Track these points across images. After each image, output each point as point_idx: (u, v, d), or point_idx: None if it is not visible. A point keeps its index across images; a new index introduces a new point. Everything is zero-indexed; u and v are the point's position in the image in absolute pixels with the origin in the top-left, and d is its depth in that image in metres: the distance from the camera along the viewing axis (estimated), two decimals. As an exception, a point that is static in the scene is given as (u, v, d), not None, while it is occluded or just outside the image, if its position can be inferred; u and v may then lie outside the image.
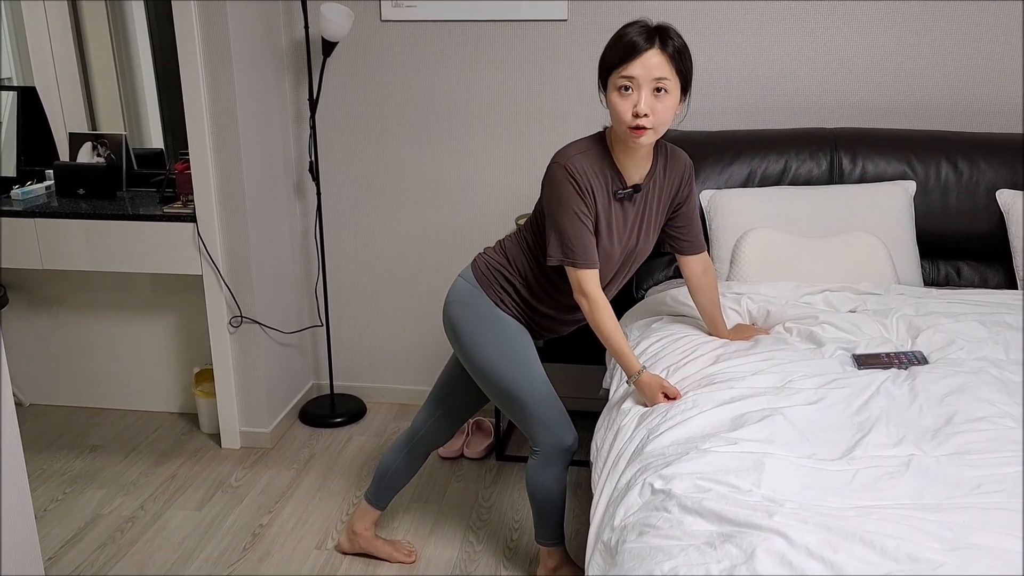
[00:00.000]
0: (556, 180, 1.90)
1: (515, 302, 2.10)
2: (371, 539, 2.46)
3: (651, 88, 1.79)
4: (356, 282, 3.38)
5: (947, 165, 2.62)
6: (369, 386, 3.50)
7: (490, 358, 2.09)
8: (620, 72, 1.80)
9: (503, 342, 2.08)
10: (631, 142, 1.85)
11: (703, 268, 2.17)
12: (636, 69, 1.78)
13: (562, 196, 1.89)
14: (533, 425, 2.12)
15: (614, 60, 1.82)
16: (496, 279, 2.10)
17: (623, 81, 1.80)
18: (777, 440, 1.61)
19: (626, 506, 1.54)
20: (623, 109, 1.81)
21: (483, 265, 2.13)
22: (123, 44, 3.30)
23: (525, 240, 2.09)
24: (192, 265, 2.93)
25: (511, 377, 2.08)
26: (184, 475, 2.95)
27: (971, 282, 2.65)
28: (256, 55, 2.91)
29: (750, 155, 2.70)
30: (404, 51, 3.07)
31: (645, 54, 1.78)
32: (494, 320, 2.09)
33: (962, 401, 1.72)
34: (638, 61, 1.78)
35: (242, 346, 3.04)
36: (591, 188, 1.90)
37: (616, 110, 1.83)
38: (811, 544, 1.26)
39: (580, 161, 1.90)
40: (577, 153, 1.92)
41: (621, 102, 1.81)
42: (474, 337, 2.10)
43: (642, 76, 1.78)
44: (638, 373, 1.91)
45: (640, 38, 1.79)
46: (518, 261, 2.09)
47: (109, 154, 3.18)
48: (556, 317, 2.14)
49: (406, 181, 3.22)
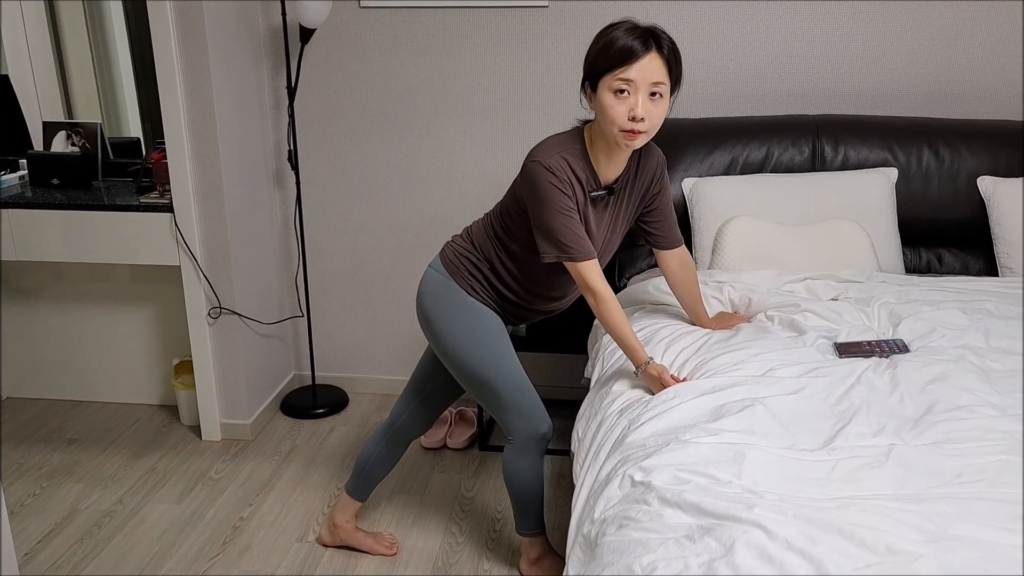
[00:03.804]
0: (536, 180, 1.87)
1: (484, 288, 2.08)
2: (352, 531, 2.44)
3: (647, 92, 1.78)
4: (337, 272, 3.35)
5: (929, 152, 2.62)
6: (351, 376, 3.47)
7: (463, 347, 2.07)
8: (617, 75, 1.77)
9: (475, 330, 2.07)
10: (622, 144, 1.83)
11: (680, 263, 2.15)
12: (634, 73, 1.76)
13: (544, 196, 1.87)
14: (507, 414, 2.11)
15: (610, 63, 1.78)
16: (464, 266, 2.08)
17: (620, 84, 1.77)
18: (758, 431, 1.60)
19: (606, 498, 1.53)
20: (618, 112, 1.78)
21: (451, 253, 2.11)
22: (99, 31, 3.24)
23: (492, 227, 2.07)
24: (170, 256, 2.89)
25: (484, 366, 2.06)
26: (163, 468, 2.92)
27: (953, 269, 2.66)
28: (233, 43, 2.87)
29: (732, 142, 2.69)
30: (383, 38, 3.04)
31: (644, 58, 1.76)
32: (465, 308, 2.07)
33: (942, 390, 1.72)
34: (637, 65, 1.76)
35: (222, 337, 3.01)
36: (571, 184, 1.88)
37: (610, 113, 1.79)
38: (790, 537, 1.25)
39: (558, 159, 1.88)
40: (555, 152, 1.89)
41: (617, 105, 1.78)
42: (446, 326, 2.08)
43: (639, 80, 1.76)
44: (645, 364, 1.88)
45: (637, 42, 1.76)
46: (484, 248, 2.07)
47: (84, 143, 3.13)
48: (526, 304, 2.12)
49: (386, 169, 3.19)
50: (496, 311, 2.12)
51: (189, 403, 3.17)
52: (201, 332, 2.98)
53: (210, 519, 2.63)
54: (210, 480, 2.84)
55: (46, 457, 2.99)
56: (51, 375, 3.40)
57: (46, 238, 2.89)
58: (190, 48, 2.70)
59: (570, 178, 1.88)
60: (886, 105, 2.86)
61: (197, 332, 2.98)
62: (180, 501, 2.72)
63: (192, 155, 2.80)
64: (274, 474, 2.87)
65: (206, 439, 3.10)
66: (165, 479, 2.85)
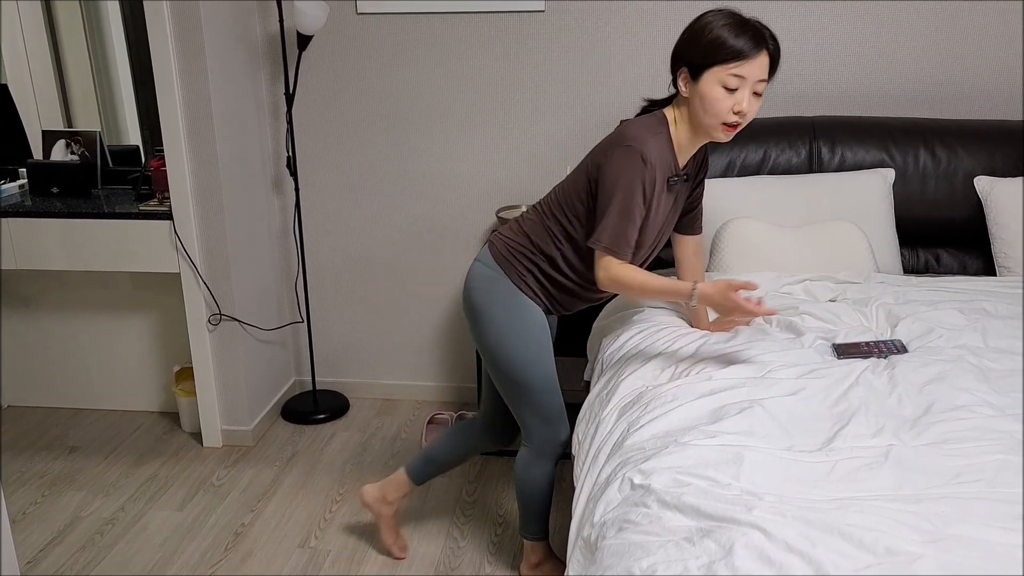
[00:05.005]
0: (628, 166, 1.84)
1: (537, 281, 2.06)
2: (390, 515, 2.44)
3: (752, 89, 1.81)
4: (337, 277, 3.36)
5: (925, 152, 2.62)
6: (352, 381, 3.48)
7: (507, 342, 2.05)
8: (731, 70, 1.78)
9: (523, 328, 2.05)
10: (719, 136, 1.86)
11: (695, 250, 2.18)
12: (747, 69, 1.78)
13: (629, 186, 1.84)
14: (530, 416, 2.11)
15: (726, 56, 1.78)
16: (519, 260, 2.05)
17: (733, 81, 1.79)
18: (756, 432, 1.60)
19: (606, 502, 1.53)
20: (725, 106, 1.80)
21: (502, 247, 2.07)
22: (98, 40, 3.25)
23: (554, 216, 2.02)
24: (169, 263, 2.90)
25: (524, 364, 2.05)
26: (165, 475, 2.92)
27: (951, 269, 2.66)
28: (230, 50, 2.88)
29: (729, 145, 2.69)
30: (381, 44, 3.05)
31: (759, 56, 1.79)
32: (516, 304, 2.05)
33: (940, 390, 1.72)
34: (752, 62, 1.78)
35: (222, 344, 3.01)
36: (656, 177, 1.87)
37: (716, 106, 1.81)
38: (790, 538, 1.26)
39: (654, 149, 1.86)
40: (651, 138, 1.87)
41: (724, 98, 1.80)
42: (492, 319, 2.06)
43: (751, 77, 1.79)
44: (694, 289, 1.86)
45: (751, 40, 1.78)
46: (542, 240, 2.03)
47: (83, 151, 3.14)
48: (579, 293, 2.08)
49: (385, 174, 3.20)
50: (544, 306, 2.09)
51: (190, 410, 3.17)
52: (201, 339, 2.99)
53: (212, 525, 2.63)
54: (212, 487, 2.85)
55: (48, 465, 3.00)
56: (52, 383, 3.41)
57: (46, 247, 2.89)
58: (188, 55, 2.71)
59: (658, 168, 1.87)
60: (882, 106, 2.87)
61: (197, 339, 2.99)
62: (182, 508, 2.72)
63: (191, 162, 2.81)
64: (275, 480, 2.88)
65: (207, 446, 3.11)
66: (167, 486, 2.85)
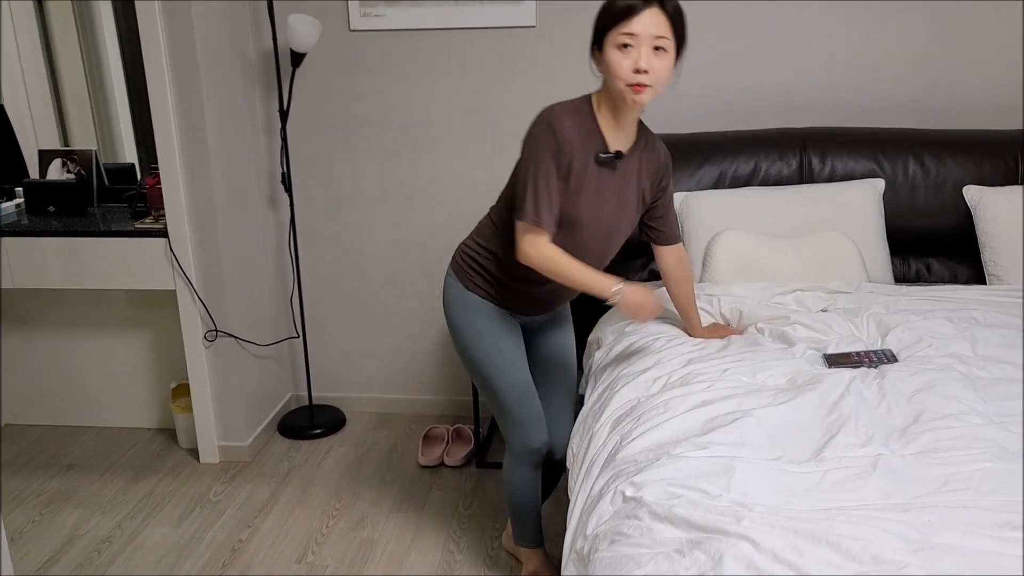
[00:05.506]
0: (538, 137, 1.86)
1: (485, 280, 2.08)
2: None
3: (651, 46, 1.79)
4: (332, 292, 3.37)
5: (915, 162, 2.65)
6: (348, 396, 3.49)
7: (468, 344, 2.09)
8: (621, 29, 1.79)
9: (484, 329, 2.08)
10: (629, 100, 1.83)
11: (676, 259, 2.18)
12: (637, 26, 1.78)
13: (535, 153, 1.86)
14: (503, 420, 2.14)
15: (614, 17, 1.80)
16: (468, 263, 2.09)
17: (624, 39, 1.79)
18: (747, 443, 1.62)
19: (598, 514, 1.54)
20: (624, 66, 1.80)
21: (458, 255, 2.13)
22: (94, 59, 3.28)
23: (496, 212, 2.06)
24: (165, 280, 2.91)
25: (488, 366, 2.08)
26: (162, 492, 2.93)
27: (942, 277, 2.68)
28: (224, 67, 2.90)
29: (720, 157, 2.72)
30: (374, 60, 3.07)
31: (646, 11, 1.78)
32: (475, 308, 2.09)
33: (929, 399, 1.74)
34: (639, 18, 1.78)
35: (218, 360, 3.02)
36: (571, 146, 1.87)
37: (615, 67, 1.81)
38: (777, 549, 1.27)
39: (567, 120, 1.87)
40: (566, 112, 1.89)
41: (622, 59, 1.80)
42: (456, 326, 2.11)
43: (643, 34, 1.78)
44: (617, 288, 1.88)
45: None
46: (490, 240, 2.06)
47: (79, 170, 3.15)
48: (529, 291, 2.08)
49: (379, 190, 3.22)
50: (497, 302, 2.10)
51: (187, 426, 3.18)
52: (197, 355, 3.00)
53: (209, 542, 2.64)
54: (208, 503, 2.85)
55: (45, 483, 3.00)
56: (49, 401, 3.42)
57: (43, 265, 2.91)
58: (182, 73, 2.73)
59: (571, 138, 1.87)
60: (871, 117, 2.89)
61: (193, 355, 3.00)
62: (179, 524, 2.73)
63: (186, 180, 2.83)
64: (272, 496, 2.88)
65: (204, 462, 3.12)
66: (164, 503, 2.86)
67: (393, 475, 3.00)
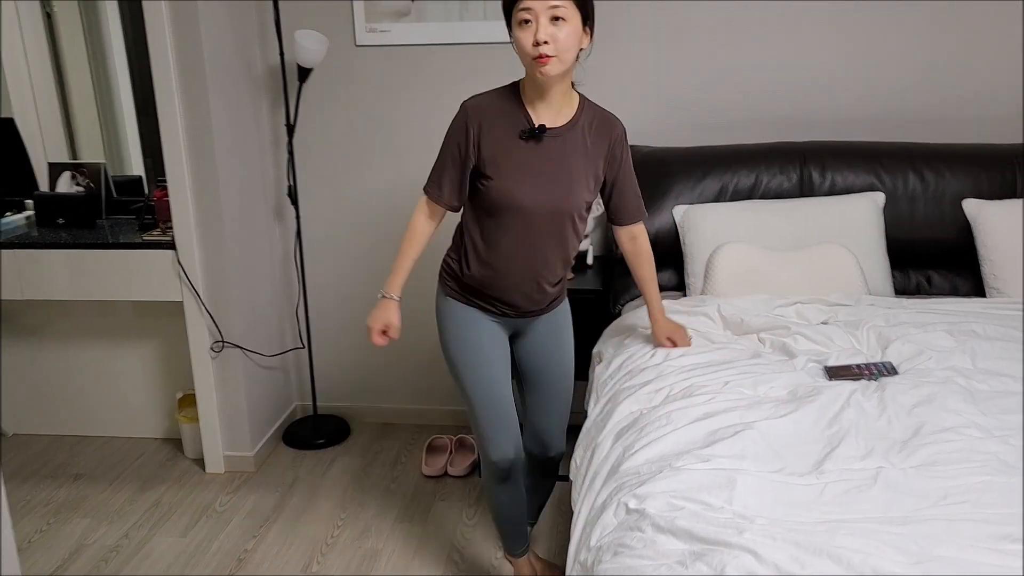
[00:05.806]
0: (453, 120, 2.01)
1: (455, 279, 2.12)
2: None
3: (548, 17, 1.83)
4: (337, 303, 3.40)
5: (914, 176, 2.67)
6: (352, 406, 3.51)
7: (447, 347, 2.14)
8: (519, 6, 1.84)
9: (459, 333, 2.12)
10: (537, 73, 1.88)
11: (630, 237, 2.19)
12: (531, 1, 1.82)
13: (449, 129, 2.01)
14: (473, 426, 2.17)
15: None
16: (444, 268, 2.17)
17: (523, 15, 1.84)
18: (749, 455, 1.64)
19: (602, 526, 1.56)
20: (527, 41, 1.85)
21: (442, 264, 2.19)
22: (102, 73, 3.31)
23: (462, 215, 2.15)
24: (172, 291, 2.94)
25: (459, 363, 2.12)
26: (168, 501, 2.95)
27: (942, 290, 2.70)
28: (232, 81, 2.93)
29: (721, 170, 2.74)
30: (380, 75, 3.10)
31: None
32: (452, 313, 2.13)
33: (929, 412, 1.76)
34: None
35: (224, 371, 3.05)
36: (480, 124, 1.96)
37: (520, 44, 1.87)
38: (779, 561, 1.29)
39: (482, 99, 1.99)
40: (485, 93, 2.00)
41: (523, 36, 1.85)
42: (440, 331, 2.16)
43: (538, 8, 1.82)
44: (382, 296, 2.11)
45: None
46: (456, 239, 2.15)
47: (88, 183, 3.19)
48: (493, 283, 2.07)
49: (384, 203, 3.25)
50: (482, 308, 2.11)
51: (193, 436, 3.20)
52: (204, 366, 3.02)
53: (215, 551, 2.66)
54: (214, 512, 2.87)
55: (52, 493, 3.02)
56: (56, 411, 3.44)
57: (51, 277, 2.94)
58: (190, 87, 2.77)
59: (481, 116, 1.96)
60: (871, 131, 2.91)
61: (200, 366, 3.02)
62: (185, 534, 2.75)
63: (193, 192, 2.86)
64: (278, 505, 2.91)
65: (210, 472, 3.14)
66: (170, 512, 2.88)
67: (397, 485, 3.02)
